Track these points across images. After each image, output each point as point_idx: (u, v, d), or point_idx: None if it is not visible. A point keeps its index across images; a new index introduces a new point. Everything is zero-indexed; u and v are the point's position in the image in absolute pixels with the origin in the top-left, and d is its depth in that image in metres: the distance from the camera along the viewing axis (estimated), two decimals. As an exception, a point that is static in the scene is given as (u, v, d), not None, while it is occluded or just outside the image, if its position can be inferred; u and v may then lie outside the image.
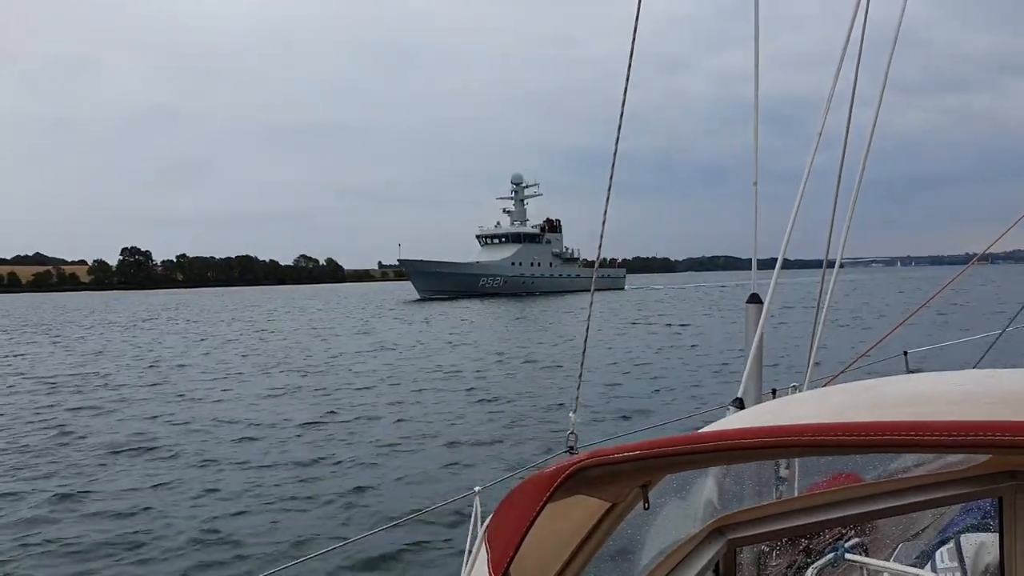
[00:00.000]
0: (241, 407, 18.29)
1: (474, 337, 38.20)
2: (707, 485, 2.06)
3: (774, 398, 3.36)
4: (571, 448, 3.59)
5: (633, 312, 54.85)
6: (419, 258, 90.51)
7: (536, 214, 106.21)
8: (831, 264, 4.28)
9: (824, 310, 4.21)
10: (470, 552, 2.39)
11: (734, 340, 27.66)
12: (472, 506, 3.34)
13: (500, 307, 69.45)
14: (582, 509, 1.42)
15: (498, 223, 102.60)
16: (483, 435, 14.19)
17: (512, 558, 1.24)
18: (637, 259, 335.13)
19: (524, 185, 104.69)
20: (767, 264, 4.38)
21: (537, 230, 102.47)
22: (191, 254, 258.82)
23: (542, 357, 27.48)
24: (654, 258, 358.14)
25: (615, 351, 28.09)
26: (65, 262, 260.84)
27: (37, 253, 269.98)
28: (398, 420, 15.92)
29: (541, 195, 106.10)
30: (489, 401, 18.18)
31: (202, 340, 40.77)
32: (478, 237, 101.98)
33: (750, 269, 3.96)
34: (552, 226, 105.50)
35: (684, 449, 1.15)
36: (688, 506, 2.00)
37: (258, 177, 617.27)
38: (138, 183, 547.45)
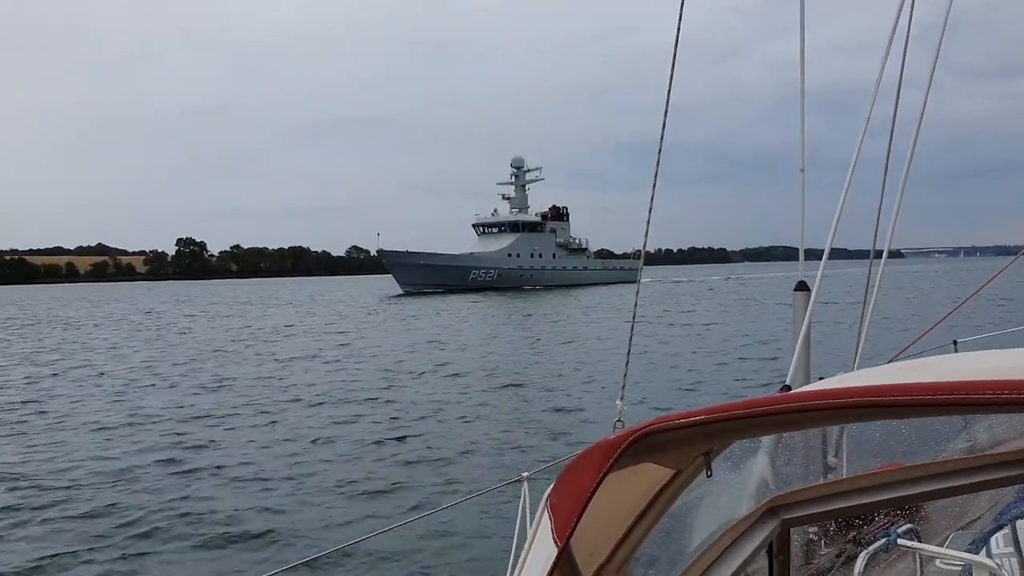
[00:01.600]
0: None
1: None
2: (760, 465, 2.21)
3: None
4: None
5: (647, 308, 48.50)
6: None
7: (543, 204, 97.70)
8: (879, 253, 4.39)
9: (872, 299, 4.34)
10: (520, 534, 2.38)
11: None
12: (520, 493, 3.41)
13: (483, 303, 62.85)
14: (644, 479, 1.44)
15: (495, 211, 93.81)
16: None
17: (576, 525, 1.25)
18: (693, 249, 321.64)
19: (525, 169, 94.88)
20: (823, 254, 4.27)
21: (539, 218, 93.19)
22: (245, 245, 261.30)
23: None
24: (710, 249, 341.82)
25: (621, 348, 23.52)
26: (126, 253, 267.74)
27: (99, 244, 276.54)
28: None
29: (543, 179, 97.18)
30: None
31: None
32: (474, 226, 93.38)
33: (806, 260, 4.12)
34: (558, 214, 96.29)
35: (747, 413, 1.17)
36: (742, 485, 2.10)
37: (310, 170, 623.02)
38: (196, 176, 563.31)
